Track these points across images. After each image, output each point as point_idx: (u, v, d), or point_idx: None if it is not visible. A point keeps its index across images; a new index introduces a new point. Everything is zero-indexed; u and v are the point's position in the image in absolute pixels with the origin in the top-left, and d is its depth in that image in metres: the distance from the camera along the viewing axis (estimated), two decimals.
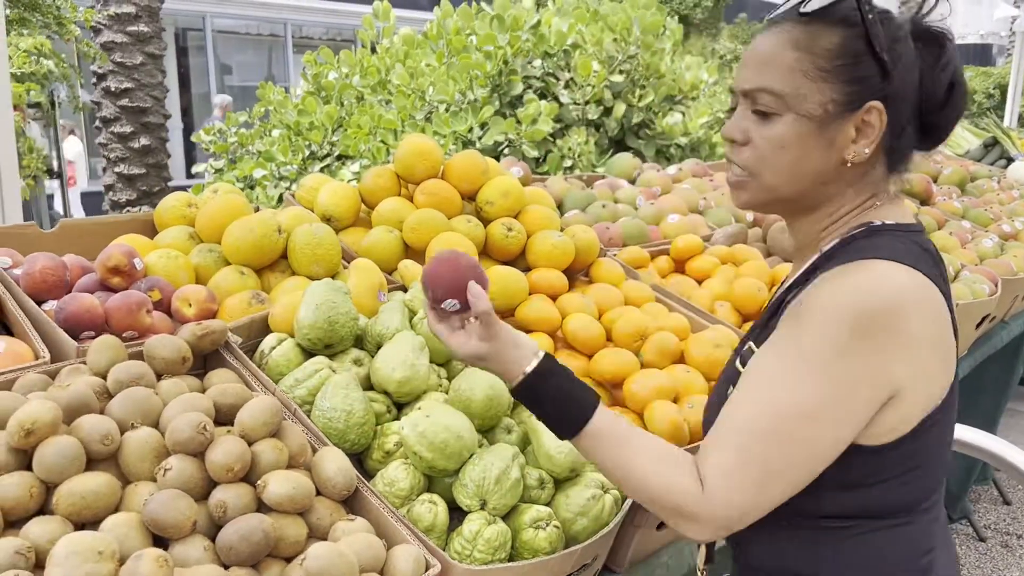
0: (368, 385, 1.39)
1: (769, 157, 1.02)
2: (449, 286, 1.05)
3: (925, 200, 3.24)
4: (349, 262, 1.68)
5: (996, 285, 2.63)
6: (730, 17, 8.85)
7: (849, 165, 1.01)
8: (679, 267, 2.27)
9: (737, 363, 1.10)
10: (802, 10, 1.00)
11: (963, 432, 1.81)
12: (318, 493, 1.16)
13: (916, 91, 1.01)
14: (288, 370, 1.37)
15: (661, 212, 2.53)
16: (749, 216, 2.63)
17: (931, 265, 0.99)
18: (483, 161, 1.96)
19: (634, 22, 4.31)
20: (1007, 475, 1.80)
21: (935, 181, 3.56)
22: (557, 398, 1.02)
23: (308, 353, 1.41)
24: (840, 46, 0.99)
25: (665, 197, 2.67)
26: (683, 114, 4.63)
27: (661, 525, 1.52)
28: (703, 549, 1.19)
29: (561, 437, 1.03)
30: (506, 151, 3.95)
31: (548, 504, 1.30)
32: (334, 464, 1.16)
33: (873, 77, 0.99)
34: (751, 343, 1.09)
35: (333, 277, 1.61)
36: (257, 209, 1.87)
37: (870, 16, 0.97)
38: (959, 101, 1.03)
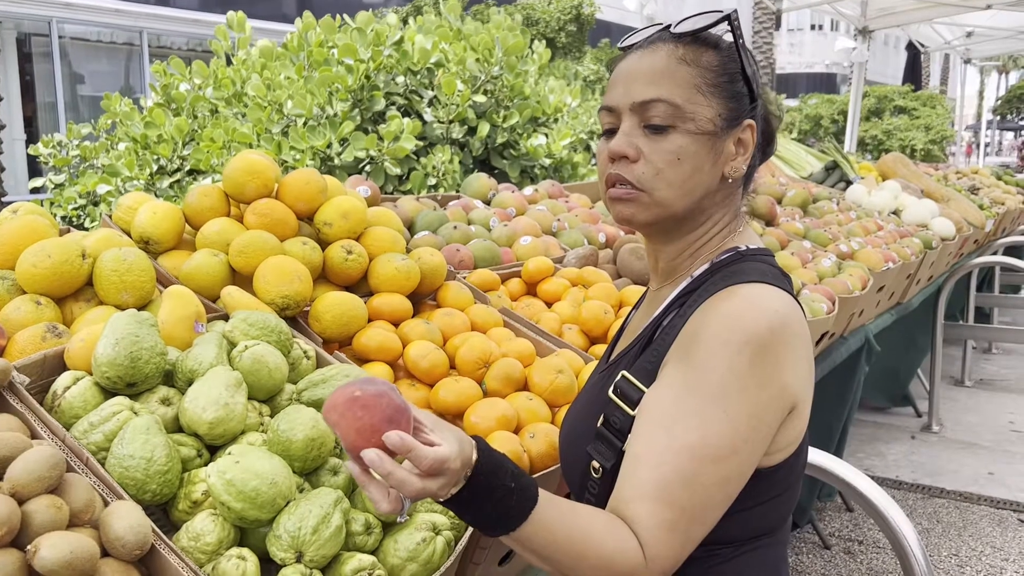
0: (178, 427, 1.26)
1: (665, 171, 1.02)
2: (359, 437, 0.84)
3: (770, 221, 3.36)
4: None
5: (834, 303, 2.74)
6: (594, 41, 9.06)
7: (730, 181, 1.06)
8: (531, 289, 2.24)
9: (611, 393, 1.04)
10: (675, 30, 1.05)
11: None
12: (106, 554, 1.03)
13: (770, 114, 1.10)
14: (84, 413, 1.23)
15: (515, 234, 2.50)
16: (601, 237, 2.64)
17: (789, 286, 1.05)
18: (321, 180, 1.87)
19: (496, 43, 4.31)
20: (839, 488, 1.88)
21: (779, 203, 3.71)
22: (499, 492, 0.89)
23: (109, 393, 1.27)
24: (720, 65, 1.04)
25: (519, 219, 2.65)
26: (547, 136, 4.66)
27: (504, 560, 1.46)
28: None
29: (498, 534, 0.90)
30: (368, 168, 3.84)
31: (375, 551, 1.21)
32: (125, 520, 1.04)
33: (746, 96, 1.05)
34: (626, 373, 1.05)
35: (145, 306, 1.48)
36: (68, 232, 1.70)
37: (740, 41, 1.04)
38: (777, 124, 1.13)
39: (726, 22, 1.04)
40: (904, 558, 1.69)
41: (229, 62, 4.83)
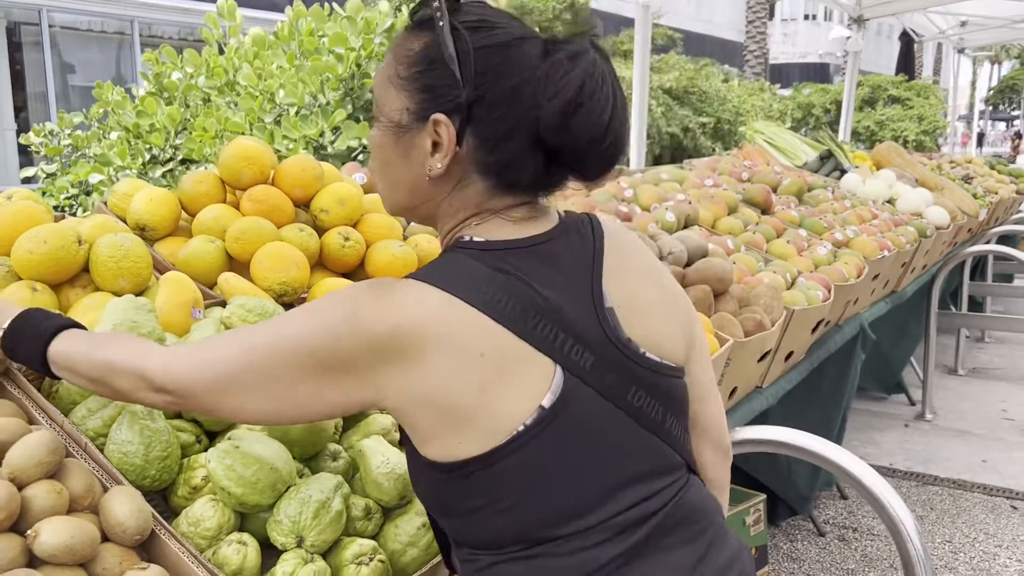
0: (176, 413, 1.26)
1: (373, 162, 1.04)
2: None
3: (765, 209, 3.37)
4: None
5: (829, 291, 2.75)
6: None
7: (432, 178, 0.97)
8: None
9: None
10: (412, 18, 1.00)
11: (790, 435, 1.86)
12: (106, 539, 1.02)
13: (524, 107, 0.93)
14: (82, 399, 1.22)
15: None
16: None
17: (470, 285, 0.93)
18: (318, 166, 1.86)
19: None
20: (837, 476, 1.90)
21: (775, 191, 3.71)
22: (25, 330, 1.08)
23: None
24: (419, 52, 0.96)
25: None
26: None
27: None
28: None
29: (40, 370, 1.08)
30: (361, 157, 3.83)
31: (376, 536, 1.21)
32: (126, 506, 1.03)
33: (444, 87, 0.94)
34: None
35: (142, 293, 1.47)
36: (63, 218, 1.69)
37: (440, 24, 0.93)
38: (579, 126, 0.93)
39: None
40: (902, 545, 1.69)
41: (221, 51, 4.79)
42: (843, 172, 4.79)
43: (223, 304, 1.53)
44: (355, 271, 1.85)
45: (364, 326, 0.91)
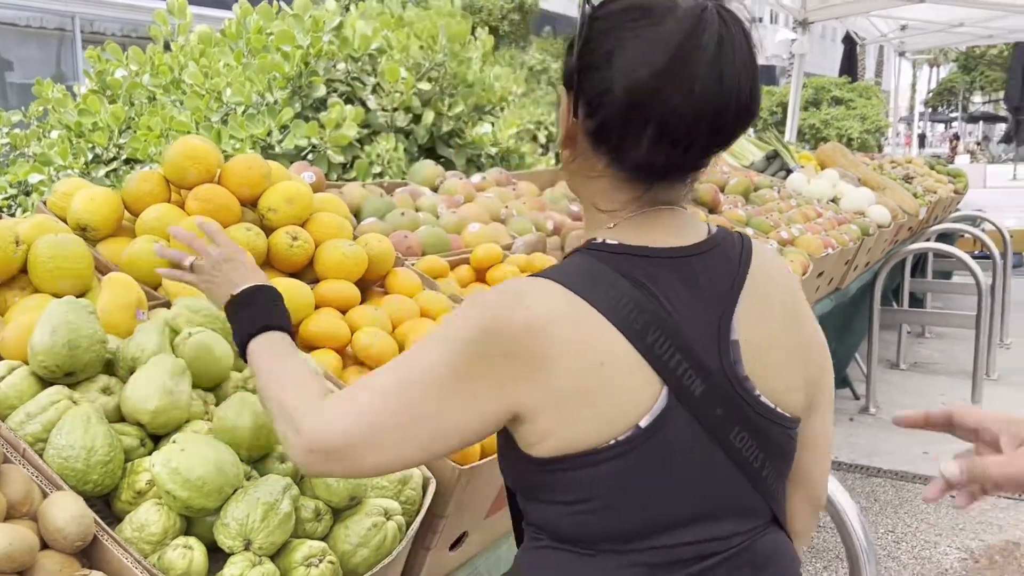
0: (120, 416, 1.23)
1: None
2: None
3: (713, 208, 3.42)
4: None
5: None
6: (537, 30, 9.06)
7: (566, 158, 1.04)
8: (479, 276, 2.24)
9: None
10: None
11: None
12: (46, 546, 1.00)
13: (616, 72, 0.96)
14: (20, 403, 1.19)
15: (463, 221, 2.49)
16: (549, 224, 2.65)
17: (588, 283, 0.93)
18: (265, 165, 1.83)
19: (440, 30, 4.28)
20: None
21: (723, 191, 3.77)
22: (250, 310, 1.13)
23: (47, 383, 1.23)
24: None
25: (467, 206, 2.64)
26: (493, 124, 4.65)
27: (455, 545, 1.47)
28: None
29: (240, 340, 1.12)
30: (310, 157, 3.79)
31: (326, 537, 1.20)
32: (66, 511, 1.01)
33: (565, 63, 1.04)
34: None
35: (83, 294, 1.43)
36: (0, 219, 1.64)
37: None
38: (671, 93, 0.95)
39: None
40: (846, 536, 1.74)
41: (167, 48, 4.70)
42: (789, 172, 4.89)
43: (168, 305, 1.50)
44: (303, 271, 1.83)
45: (496, 330, 0.91)
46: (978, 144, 26.82)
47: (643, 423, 0.91)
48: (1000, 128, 27.66)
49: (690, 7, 0.91)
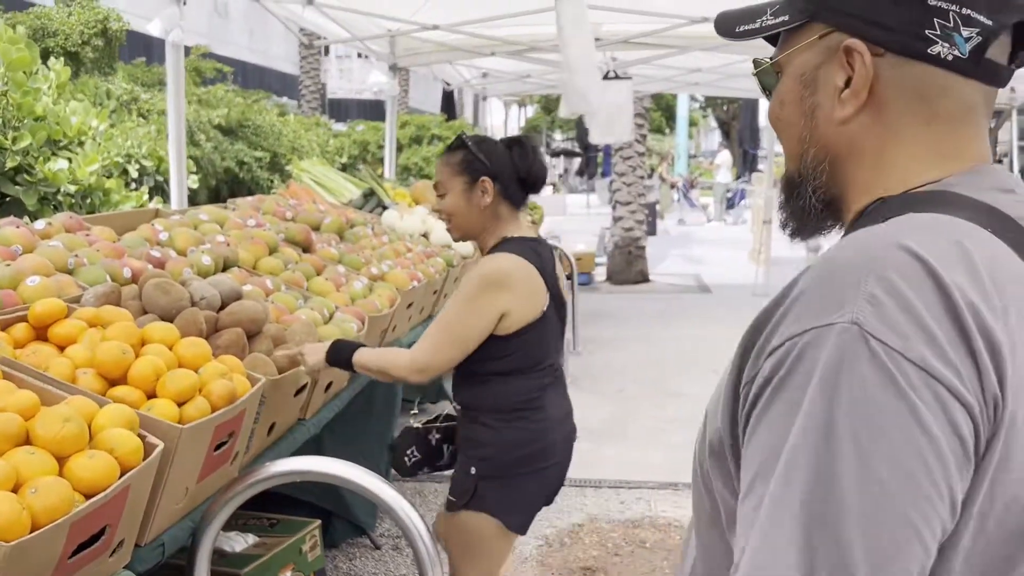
0: None
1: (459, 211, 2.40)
2: None
3: (307, 248, 3.54)
4: None
5: (363, 322, 3.00)
6: (130, 57, 8.49)
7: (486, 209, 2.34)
8: (40, 334, 2.08)
9: None
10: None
11: (328, 465, 2.02)
12: None
13: (511, 167, 2.33)
14: None
15: (20, 274, 2.29)
16: (126, 272, 2.55)
17: (530, 252, 2.30)
18: None
19: None
20: (358, 492, 2.09)
21: (318, 229, 3.91)
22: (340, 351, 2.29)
23: None
24: (462, 157, 2.35)
25: (27, 256, 2.43)
26: (70, 160, 4.30)
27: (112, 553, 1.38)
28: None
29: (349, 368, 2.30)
30: None
31: None
32: None
33: (480, 165, 2.32)
34: None
35: None
36: None
37: (471, 144, 2.35)
38: (537, 168, 2.39)
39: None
40: (415, 546, 1.94)
41: None
42: (384, 208, 5.21)
43: None
44: None
45: (489, 277, 2.27)
46: (560, 176, 30.65)
47: (543, 310, 2.30)
48: (577, 162, 31.92)
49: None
